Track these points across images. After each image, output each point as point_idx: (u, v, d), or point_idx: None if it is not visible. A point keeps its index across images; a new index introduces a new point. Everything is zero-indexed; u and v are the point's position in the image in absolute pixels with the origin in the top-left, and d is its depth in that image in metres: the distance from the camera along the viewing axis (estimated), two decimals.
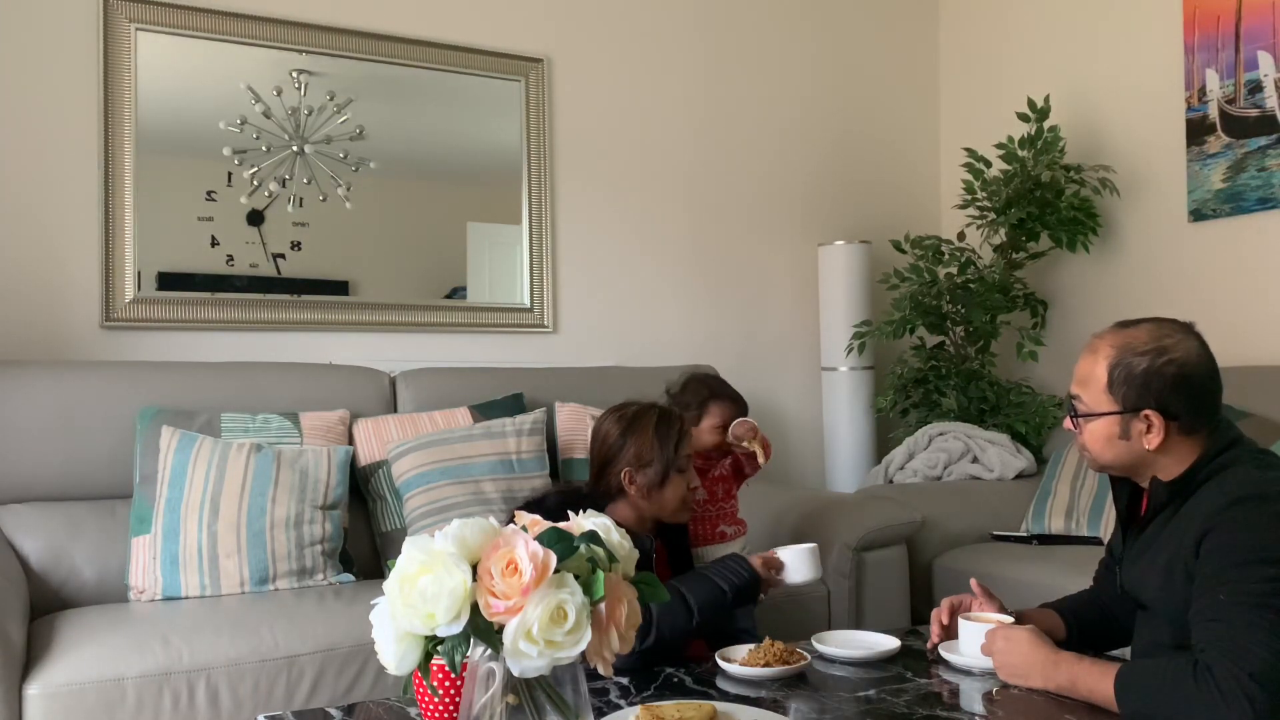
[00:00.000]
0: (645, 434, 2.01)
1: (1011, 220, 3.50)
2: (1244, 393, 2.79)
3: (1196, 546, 1.48)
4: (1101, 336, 1.60)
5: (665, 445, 2.01)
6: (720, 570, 1.95)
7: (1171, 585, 1.52)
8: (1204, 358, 1.55)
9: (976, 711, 1.53)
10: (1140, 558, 1.62)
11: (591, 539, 1.14)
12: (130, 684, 1.92)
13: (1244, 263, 3.24)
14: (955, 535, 3.06)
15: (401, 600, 1.08)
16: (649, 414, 2.05)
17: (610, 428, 2.04)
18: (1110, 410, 1.56)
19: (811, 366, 3.95)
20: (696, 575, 1.96)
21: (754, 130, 3.88)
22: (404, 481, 2.63)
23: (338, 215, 3.15)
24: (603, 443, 2.04)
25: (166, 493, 2.39)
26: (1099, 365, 1.57)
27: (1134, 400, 1.54)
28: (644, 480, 1.99)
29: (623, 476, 1.99)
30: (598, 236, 3.57)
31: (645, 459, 1.99)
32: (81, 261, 2.81)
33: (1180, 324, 1.58)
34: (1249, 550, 1.41)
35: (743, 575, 1.94)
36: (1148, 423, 1.54)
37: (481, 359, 3.27)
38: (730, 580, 1.92)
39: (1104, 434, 1.58)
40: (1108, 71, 3.64)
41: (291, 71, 3.08)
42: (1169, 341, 1.53)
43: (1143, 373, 1.52)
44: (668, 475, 2.00)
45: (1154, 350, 1.53)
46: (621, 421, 2.04)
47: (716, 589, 1.91)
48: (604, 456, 2.04)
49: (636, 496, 2.00)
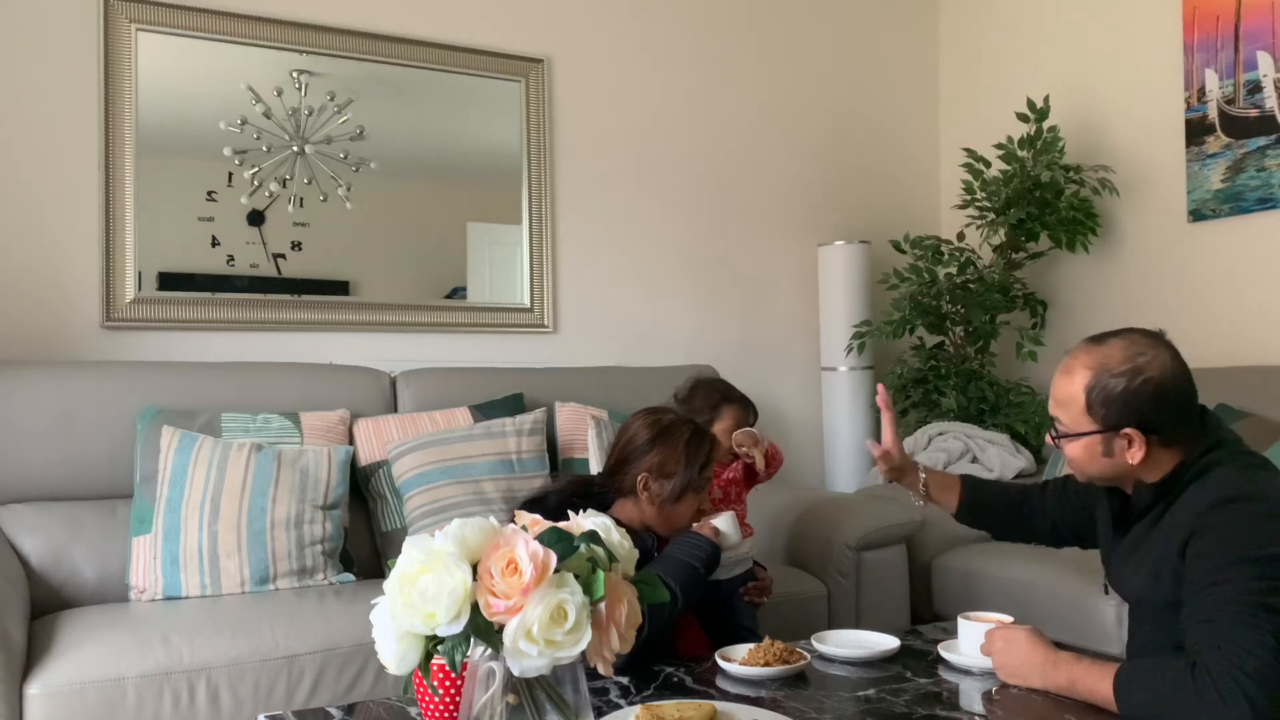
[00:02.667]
0: (675, 447, 1.99)
1: (1011, 220, 3.50)
2: (1244, 393, 2.79)
3: (1183, 549, 1.49)
4: (1075, 356, 1.60)
5: (692, 463, 1.99)
6: (684, 549, 1.94)
7: (1159, 588, 1.54)
8: (1178, 369, 1.56)
9: (976, 711, 1.53)
10: (1127, 560, 1.63)
11: (591, 539, 1.14)
12: (130, 684, 1.92)
13: (1244, 263, 3.24)
14: (955, 535, 3.06)
15: (402, 600, 1.08)
16: (684, 428, 2.03)
17: (640, 429, 2.03)
18: (1091, 430, 1.57)
19: (811, 366, 3.96)
20: (666, 559, 1.94)
21: (754, 130, 3.88)
22: (404, 481, 2.63)
23: (338, 215, 3.15)
24: (629, 440, 2.03)
25: (167, 492, 2.39)
26: (1076, 387, 1.57)
27: (1114, 420, 1.55)
28: (659, 490, 1.98)
29: (639, 480, 1.99)
30: (598, 236, 3.57)
31: (668, 470, 1.98)
32: (82, 261, 2.81)
33: (1150, 335, 1.58)
34: (1236, 550, 1.42)
35: (704, 548, 1.94)
36: (1129, 439, 1.55)
37: (481, 359, 3.27)
38: (697, 555, 1.93)
39: (1087, 452, 1.60)
40: (1107, 72, 3.65)
41: (291, 71, 3.09)
42: (1143, 360, 1.53)
43: (1121, 393, 1.53)
44: (685, 493, 1.99)
45: (1130, 370, 1.53)
46: (654, 427, 2.02)
47: (689, 568, 1.91)
48: (625, 454, 2.02)
49: (647, 502, 1.99)
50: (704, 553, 1.94)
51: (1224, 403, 2.78)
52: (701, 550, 1.94)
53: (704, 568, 1.93)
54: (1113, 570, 1.69)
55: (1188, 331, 3.38)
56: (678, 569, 1.90)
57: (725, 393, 2.41)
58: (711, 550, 1.95)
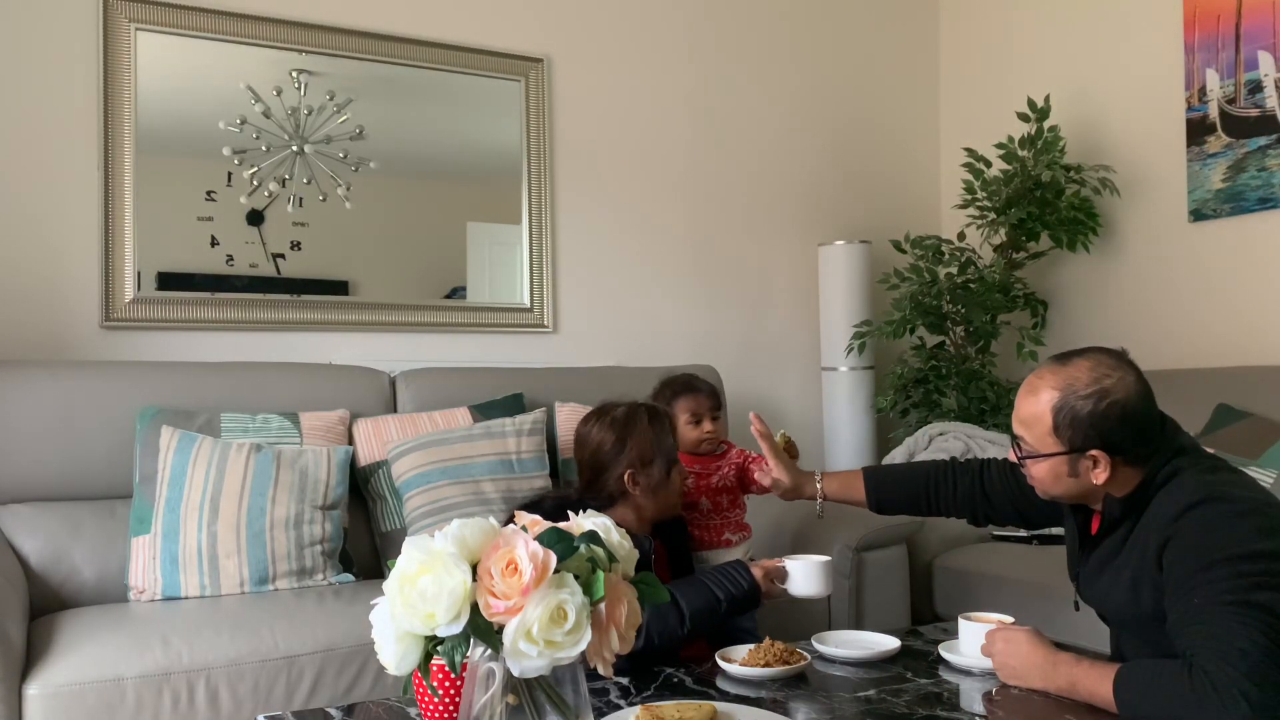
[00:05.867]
0: (643, 433, 2.01)
1: (1011, 220, 3.50)
2: (1244, 393, 2.79)
3: (1158, 558, 1.50)
4: (1041, 376, 1.61)
5: (663, 439, 2.02)
6: (718, 578, 1.91)
7: (1140, 601, 1.54)
8: (1142, 390, 1.56)
9: (976, 711, 1.53)
10: (1100, 574, 1.64)
11: (591, 539, 1.14)
12: (130, 684, 1.92)
13: (1244, 263, 3.24)
14: (955, 535, 3.06)
15: (401, 600, 1.08)
16: (639, 413, 2.04)
17: (602, 434, 2.02)
18: (1057, 451, 1.58)
19: (811, 366, 3.95)
20: (693, 581, 1.93)
21: (754, 130, 3.88)
22: (404, 481, 2.63)
23: (338, 215, 3.15)
24: (596, 450, 2.02)
25: (166, 493, 2.39)
26: (1042, 407, 1.58)
27: (1080, 442, 1.55)
28: (648, 480, 1.98)
29: (625, 479, 1.98)
30: (598, 236, 3.57)
31: (648, 457, 1.99)
32: (81, 261, 2.81)
33: (1115, 355, 1.59)
34: (1212, 551, 1.42)
35: (741, 585, 1.89)
36: (1094, 460, 1.56)
37: (481, 359, 3.27)
38: (727, 589, 1.89)
39: (1051, 472, 1.60)
40: (1108, 71, 3.64)
41: (291, 71, 3.08)
42: (1109, 382, 1.54)
43: (1087, 415, 1.54)
44: (670, 468, 2.00)
45: (1096, 394, 1.53)
46: (614, 426, 2.02)
47: (711, 597, 1.88)
48: (599, 463, 2.02)
49: (640, 496, 1.99)
50: (737, 588, 1.89)
51: (1224, 403, 2.78)
52: (735, 586, 1.89)
53: (728, 603, 1.88)
54: (1084, 586, 1.70)
55: (1188, 331, 3.38)
56: (699, 595, 1.87)
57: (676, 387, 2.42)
58: (748, 588, 1.89)
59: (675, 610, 1.84)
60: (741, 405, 3.69)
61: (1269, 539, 1.42)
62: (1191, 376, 2.98)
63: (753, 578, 1.91)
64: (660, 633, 1.82)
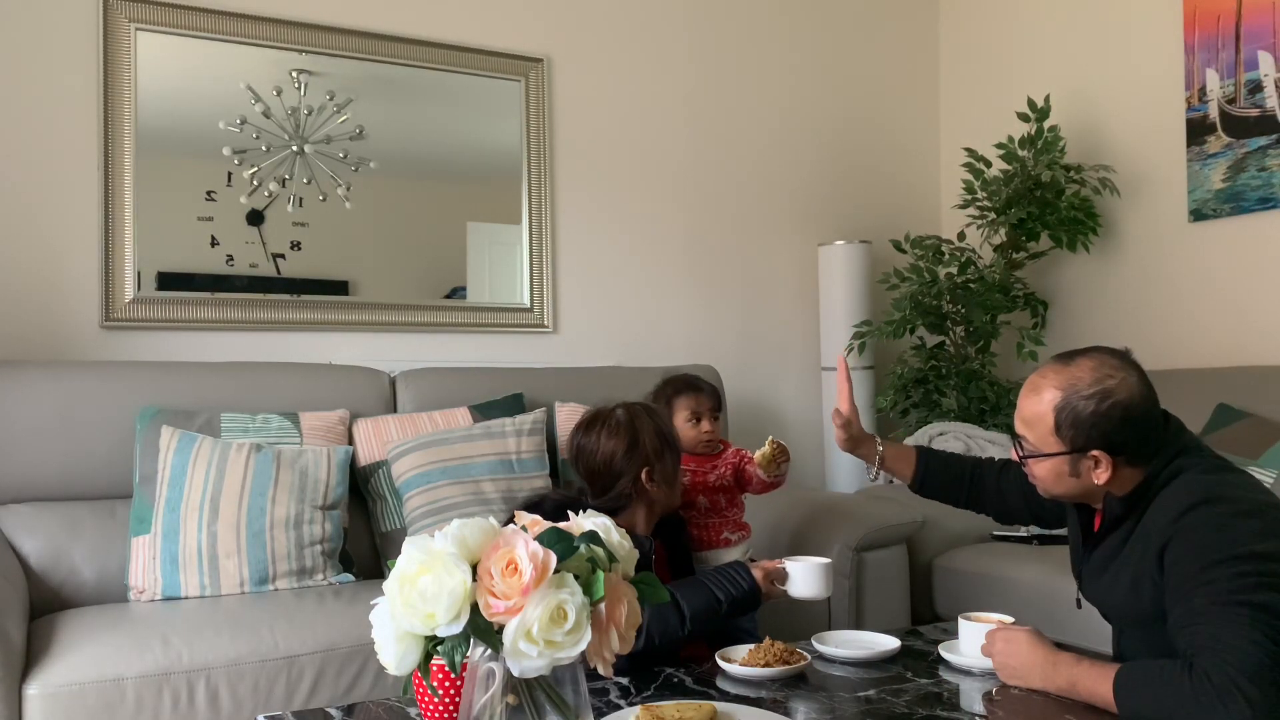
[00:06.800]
0: (649, 432, 2.02)
1: (1011, 220, 3.50)
2: (1244, 393, 2.79)
3: (1160, 557, 1.50)
4: (1043, 375, 1.61)
5: (667, 433, 2.07)
6: (719, 579, 1.91)
7: (1140, 600, 1.54)
8: (1144, 390, 1.56)
9: (976, 711, 1.53)
10: (1101, 573, 1.64)
11: (591, 539, 1.14)
12: (130, 684, 1.92)
13: (1244, 263, 3.24)
14: (955, 535, 3.06)
15: (401, 600, 1.08)
16: (641, 414, 2.06)
17: (611, 442, 2.01)
18: (1058, 451, 1.58)
19: (811, 366, 3.95)
20: (694, 582, 1.93)
21: (754, 130, 3.87)
22: (404, 481, 2.63)
23: (338, 215, 3.14)
24: (609, 459, 2.01)
25: (166, 493, 2.39)
26: (1044, 406, 1.58)
27: (1081, 443, 1.56)
28: (663, 471, 2.02)
29: (641, 478, 1.99)
30: (598, 236, 3.57)
31: (659, 450, 2.02)
32: (81, 261, 2.81)
33: (1118, 356, 1.59)
34: (1213, 551, 1.42)
35: (742, 586, 1.90)
36: (1095, 460, 1.56)
37: (481, 359, 3.26)
38: (728, 591, 1.89)
39: (1053, 471, 1.61)
40: (1108, 71, 3.64)
41: (291, 71, 3.08)
42: (1111, 383, 1.54)
43: (1089, 416, 1.54)
44: (679, 456, 2.06)
45: (1098, 394, 1.53)
46: (620, 431, 2.02)
47: (712, 598, 1.88)
48: (610, 471, 2.02)
49: (655, 491, 2.01)
50: (738, 590, 1.90)
51: (1224, 403, 2.78)
52: (736, 587, 1.90)
53: (729, 604, 1.89)
54: (1086, 584, 1.70)
55: (1188, 331, 3.38)
56: (700, 596, 1.88)
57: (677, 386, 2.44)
58: (748, 589, 1.90)
59: (676, 611, 1.85)
60: (741, 405, 3.69)
61: (1270, 540, 1.42)
62: (1191, 376, 2.98)
63: (753, 579, 1.92)
64: (660, 633, 1.82)
